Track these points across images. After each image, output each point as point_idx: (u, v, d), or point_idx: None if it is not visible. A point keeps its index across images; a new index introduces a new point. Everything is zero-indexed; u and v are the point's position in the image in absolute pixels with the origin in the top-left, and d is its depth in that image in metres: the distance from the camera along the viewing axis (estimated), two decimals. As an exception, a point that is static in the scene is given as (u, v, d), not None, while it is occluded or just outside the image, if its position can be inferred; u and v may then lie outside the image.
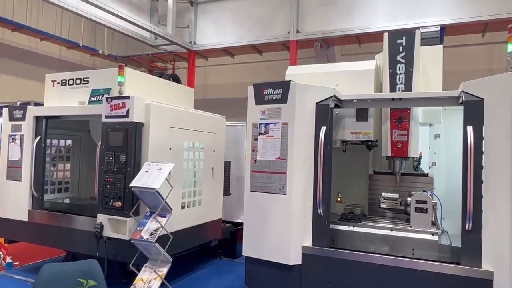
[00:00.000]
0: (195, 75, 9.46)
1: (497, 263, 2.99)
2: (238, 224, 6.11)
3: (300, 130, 3.62)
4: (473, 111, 3.13)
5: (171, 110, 4.68)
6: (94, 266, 2.97)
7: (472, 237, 3.07)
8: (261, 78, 8.93)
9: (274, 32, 8.34)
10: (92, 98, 4.81)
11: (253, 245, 3.78)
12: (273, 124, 3.71)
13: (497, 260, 2.99)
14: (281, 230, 3.63)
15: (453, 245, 3.39)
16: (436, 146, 4.12)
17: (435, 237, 3.47)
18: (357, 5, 7.58)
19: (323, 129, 3.54)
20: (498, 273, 2.97)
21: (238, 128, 6.51)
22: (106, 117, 4.32)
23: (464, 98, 3.17)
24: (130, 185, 4.00)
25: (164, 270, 4.00)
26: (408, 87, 3.72)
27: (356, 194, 4.35)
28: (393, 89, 3.78)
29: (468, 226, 3.05)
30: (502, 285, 2.96)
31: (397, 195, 3.94)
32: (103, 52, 10.74)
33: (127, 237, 4.11)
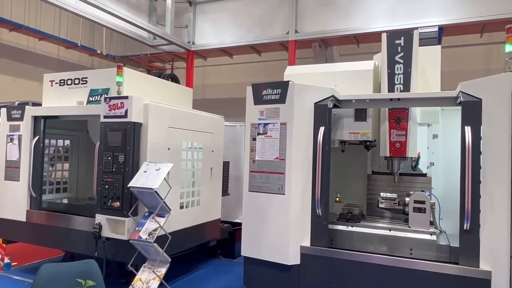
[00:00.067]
0: (194, 75, 9.46)
1: (495, 263, 3.00)
2: (236, 224, 6.11)
3: (299, 130, 3.62)
4: (471, 111, 3.14)
5: (170, 110, 4.68)
6: (93, 266, 2.96)
7: (470, 237, 3.08)
8: (259, 78, 8.94)
9: (273, 32, 8.34)
10: (91, 98, 4.81)
11: (252, 245, 3.78)
12: (272, 124, 3.72)
13: (495, 259, 3.00)
14: (279, 230, 3.63)
15: (451, 245, 3.40)
16: (434, 146, 4.13)
17: (433, 237, 3.47)
18: (356, 6, 7.59)
19: (322, 129, 3.55)
20: (496, 273, 2.99)
21: (236, 128, 6.51)
22: (105, 117, 4.32)
23: (462, 98, 3.18)
24: (129, 185, 3.99)
25: (162, 270, 4.00)
26: (407, 87, 3.73)
27: (354, 194, 4.36)
28: (391, 89, 3.78)
29: (466, 226, 3.06)
30: (500, 285, 2.97)
31: (395, 195, 3.95)
32: (101, 52, 10.72)
33: (126, 237, 4.11)
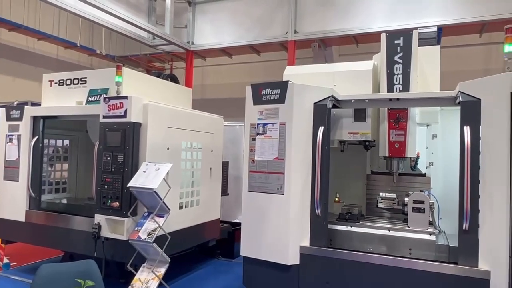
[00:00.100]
0: (193, 75, 9.45)
1: (494, 263, 3.00)
2: (236, 224, 6.11)
3: (298, 130, 3.63)
4: (470, 112, 3.14)
5: (169, 110, 4.67)
6: (92, 266, 2.96)
7: (469, 236, 3.08)
8: (259, 78, 8.93)
9: (272, 32, 8.34)
10: (90, 98, 4.81)
11: (251, 245, 3.78)
12: (271, 124, 3.72)
13: (494, 259, 3.01)
14: (279, 230, 3.63)
15: (450, 245, 3.41)
16: (433, 146, 4.13)
17: (433, 237, 3.48)
18: (355, 6, 7.59)
19: (321, 129, 3.55)
20: (495, 273, 2.99)
21: (236, 128, 6.51)
22: (104, 117, 4.31)
23: (461, 99, 3.19)
24: (128, 185, 3.99)
25: (162, 270, 3.99)
26: (406, 88, 3.73)
27: (353, 194, 4.36)
28: (390, 89, 3.78)
29: (465, 226, 3.07)
30: (499, 285, 2.97)
31: (394, 195, 3.95)
32: (100, 52, 10.72)
33: (125, 237, 4.10)
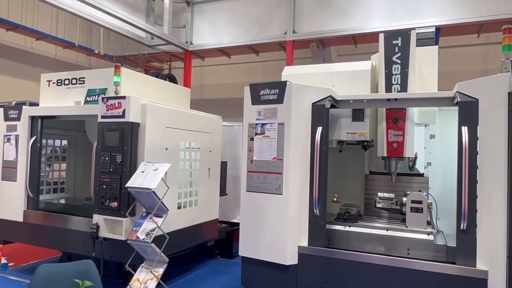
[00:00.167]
0: (192, 75, 9.45)
1: (492, 263, 3.01)
2: (234, 224, 6.12)
3: (296, 130, 3.63)
4: (468, 112, 3.15)
5: (168, 110, 4.67)
6: (90, 266, 2.96)
7: (467, 236, 3.09)
8: (257, 78, 8.95)
9: (271, 32, 8.34)
10: (88, 98, 4.80)
11: (250, 245, 3.78)
12: (270, 124, 3.72)
13: (492, 259, 3.01)
14: (277, 230, 3.63)
15: (448, 245, 3.41)
16: (431, 146, 4.14)
17: (431, 237, 3.48)
18: (353, 6, 7.60)
19: (319, 129, 3.55)
20: (492, 273, 3.00)
21: (234, 128, 6.51)
22: (102, 117, 4.31)
23: (459, 99, 3.19)
24: (126, 185, 3.99)
25: (160, 271, 3.99)
26: (404, 88, 3.73)
27: (352, 194, 4.36)
28: (388, 89, 3.79)
29: (463, 226, 3.07)
30: (497, 284, 2.98)
31: (392, 195, 3.95)
32: (99, 52, 10.71)
33: (123, 237, 4.10)
